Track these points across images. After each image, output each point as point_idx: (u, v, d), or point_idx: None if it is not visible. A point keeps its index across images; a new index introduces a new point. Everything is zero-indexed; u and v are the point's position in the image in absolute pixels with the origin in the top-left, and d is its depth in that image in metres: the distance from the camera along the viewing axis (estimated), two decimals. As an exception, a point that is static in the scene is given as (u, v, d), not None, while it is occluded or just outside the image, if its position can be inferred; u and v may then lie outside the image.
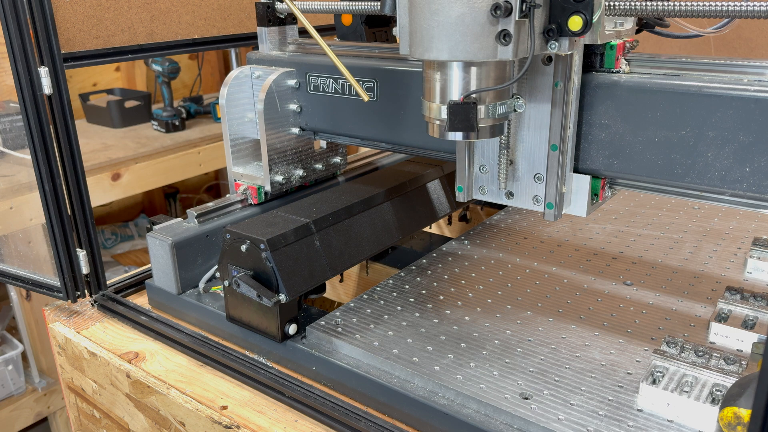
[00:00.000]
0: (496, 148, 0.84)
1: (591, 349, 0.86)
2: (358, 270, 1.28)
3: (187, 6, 1.25)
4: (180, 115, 2.40)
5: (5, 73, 1.03)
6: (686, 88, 0.71)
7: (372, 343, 0.88)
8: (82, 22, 1.09)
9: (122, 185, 2.06)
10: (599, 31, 0.72)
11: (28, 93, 1.01)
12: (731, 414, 0.65)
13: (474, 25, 0.65)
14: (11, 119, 1.75)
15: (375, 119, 1.01)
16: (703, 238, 1.19)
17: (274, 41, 1.14)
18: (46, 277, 1.17)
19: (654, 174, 0.75)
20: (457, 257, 1.14)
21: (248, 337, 0.96)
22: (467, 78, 0.70)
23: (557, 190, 0.80)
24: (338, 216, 1.01)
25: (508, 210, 1.35)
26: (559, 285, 1.04)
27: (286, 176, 1.14)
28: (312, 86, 1.07)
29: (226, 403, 0.88)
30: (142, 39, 1.19)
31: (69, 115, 1.06)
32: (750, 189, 0.70)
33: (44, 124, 1.04)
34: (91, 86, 2.72)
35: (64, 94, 1.04)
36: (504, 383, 0.79)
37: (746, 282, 1.03)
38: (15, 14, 0.97)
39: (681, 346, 0.80)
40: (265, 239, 0.88)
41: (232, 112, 1.11)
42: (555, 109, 0.77)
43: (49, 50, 1.02)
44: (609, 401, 0.76)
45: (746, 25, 1.54)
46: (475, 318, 0.94)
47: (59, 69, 1.03)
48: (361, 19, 1.18)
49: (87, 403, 1.11)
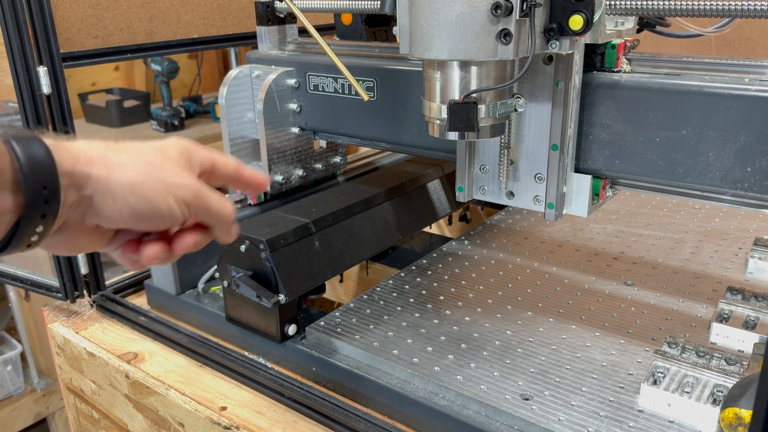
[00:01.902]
0: (496, 148, 0.83)
1: (592, 350, 0.86)
2: (358, 270, 1.28)
3: (187, 5, 1.24)
4: (179, 115, 2.40)
5: (4, 73, 1.03)
6: (687, 87, 0.70)
7: (372, 344, 0.87)
8: (81, 22, 1.09)
9: (122, 185, 2.05)
10: (600, 31, 0.72)
11: (26, 93, 1.01)
12: (732, 415, 0.65)
13: (474, 24, 0.65)
14: (10, 119, 1.74)
15: (375, 119, 1.01)
16: (704, 238, 1.18)
17: (273, 40, 1.13)
18: (45, 278, 1.17)
19: (655, 174, 0.75)
20: (457, 257, 1.14)
21: (248, 337, 0.96)
22: (467, 77, 0.70)
23: (558, 190, 0.80)
24: (338, 216, 1.01)
25: (508, 210, 1.35)
26: (559, 285, 1.04)
27: (285, 176, 1.13)
28: (312, 86, 1.07)
29: (225, 404, 0.88)
30: (141, 38, 1.18)
31: (68, 114, 1.06)
32: (751, 189, 0.69)
33: (43, 124, 1.03)
34: (90, 86, 2.71)
35: (63, 94, 1.04)
36: (504, 384, 0.79)
37: (747, 282, 1.03)
38: (14, 14, 0.97)
39: (682, 347, 0.80)
40: (265, 239, 0.88)
41: (231, 112, 1.11)
42: (556, 109, 0.76)
43: (48, 50, 1.02)
44: (610, 402, 0.75)
45: (747, 24, 1.54)
46: (476, 318, 0.94)
47: (58, 68, 1.03)
48: (361, 19, 1.17)
49: (86, 404, 1.10)
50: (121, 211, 0.47)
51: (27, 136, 0.44)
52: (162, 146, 0.52)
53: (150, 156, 0.50)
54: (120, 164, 0.47)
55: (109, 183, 0.46)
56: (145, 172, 0.48)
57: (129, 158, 0.48)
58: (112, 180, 0.46)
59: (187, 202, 0.50)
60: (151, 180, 0.48)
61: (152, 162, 0.49)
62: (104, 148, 0.48)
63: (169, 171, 0.50)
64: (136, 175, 0.48)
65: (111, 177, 0.46)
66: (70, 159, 0.45)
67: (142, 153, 0.50)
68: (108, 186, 0.46)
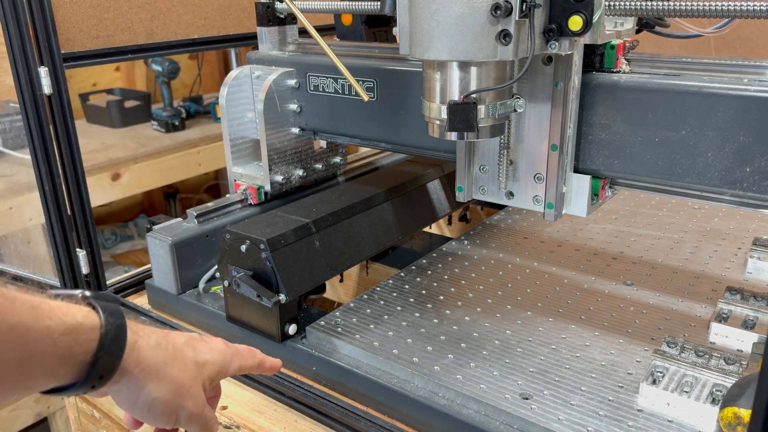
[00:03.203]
0: (496, 148, 0.84)
1: (591, 349, 0.86)
2: (358, 270, 1.28)
3: (187, 6, 1.24)
4: (180, 115, 2.40)
5: (5, 73, 1.03)
6: (686, 87, 0.71)
7: (372, 344, 0.88)
8: (81, 22, 1.09)
9: (122, 185, 2.06)
10: (599, 31, 0.72)
11: (27, 93, 1.01)
12: (731, 414, 0.65)
13: (474, 24, 0.65)
14: (11, 119, 1.75)
15: (375, 119, 1.01)
16: (703, 238, 1.19)
17: (274, 41, 1.14)
18: (46, 277, 1.17)
19: (654, 174, 0.75)
20: (457, 257, 1.14)
21: (248, 337, 0.96)
22: (467, 78, 0.70)
23: (557, 190, 0.80)
24: (338, 216, 1.01)
25: (508, 210, 1.35)
26: (559, 285, 1.04)
27: (285, 176, 1.14)
28: (312, 86, 1.07)
29: (226, 403, 0.88)
30: (142, 39, 1.19)
31: (69, 115, 1.06)
32: (750, 189, 0.70)
33: (44, 124, 1.04)
34: (91, 86, 2.71)
35: (63, 94, 1.04)
36: (504, 383, 0.79)
37: (746, 282, 1.03)
38: (15, 14, 0.97)
39: (681, 347, 0.80)
40: (265, 239, 0.88)
41: (231, 112, 1.11)
42: (555, 109, 0.77)
43: (49, 50, 1.02)
44: (609, 401, 0.76)
45: (746, 25, 1.54)
46: (475, 318, 0.94)
47: (59, 69, 1.03)
48: (361, 19, 1.18)
49: (87, 403, 1.11)
50: (133, 412, 0.55)
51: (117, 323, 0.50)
52: (206, 362, 0.61)
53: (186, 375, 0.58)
54: (158, 378, 0.55)
55: (141, 391, 0.54)
56: (173, 393, 0.56)
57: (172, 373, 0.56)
58: (144, 390, 0.54)
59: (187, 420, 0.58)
60: (172, 402, 0.56)
61: (184, 385, 0.57)
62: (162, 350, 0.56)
63: (192, 395, 0.58)
64: (164, 395, 0.55)
65: (145, 386, 0.54)
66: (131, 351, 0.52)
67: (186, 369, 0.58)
68: (136, 391, 0.54)
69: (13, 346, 0.43)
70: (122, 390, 0.54)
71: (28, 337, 0.43)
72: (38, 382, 0.47)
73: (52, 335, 0.45)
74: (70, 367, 0.47)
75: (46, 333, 0.45)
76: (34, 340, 0.44)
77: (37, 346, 0.44)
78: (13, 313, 0.43)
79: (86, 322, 0.48)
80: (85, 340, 0.48)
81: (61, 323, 0.46)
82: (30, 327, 0.44)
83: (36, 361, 0.44)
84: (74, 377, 0.49)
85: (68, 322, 0.47)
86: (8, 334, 0.42)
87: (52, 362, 0.46)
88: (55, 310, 0.46)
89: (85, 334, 0.48)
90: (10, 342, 0.42)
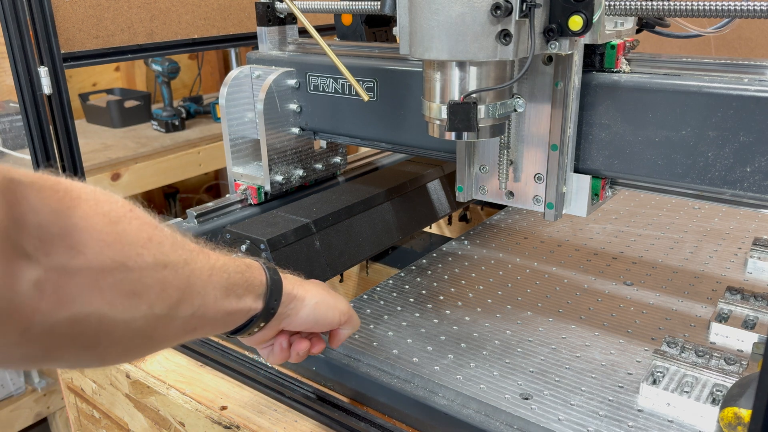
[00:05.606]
0: (496, 148, 0.84)
1: (591, 350, 0.86)
2: (358, 270, 1.28)
3: (187, 6, 1.25)
4: (180, 115, 2.40)
5: (5, 73, 1.03)
6: (687, 87, 0.71)
7: (372, 344, 0.88)
8: (81, 22, 1.09)
9: (122, 185, 2.06)
10: (599, 31, 0.72)
11: (27, 93, 1.01)
12: (731, 414, 0.65)
13: (474, 24, 0.65)
14: (11, 119, 1.75)
15: (375, 119, 1.01)
16: (703, 238, 1.19)
17: (274, 41, 1.14)
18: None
19: (654, 174, 0.75)
20: (457, 257, 1.14)
21: (248, 337, 0.96)
22: (467, 78, 0.70)
23: (557, 190, 0.80)
24: (338, 216, 1.01)
25: (508, 210, 1.35)
26: (559, 285, 1.04)
27: (286, 176, 1.14)
28: (312, 86, 1.07)
29: (226, 404, 0.88)
30: (142, 39, 1.19)
31: (69, 115, 1.06)
32: (750, 189, 0.70)
33: (44, 124, 1.04)
34: (91, 86, 2.71)
35: (63, 94, 1.04)
36: (504, 383, 0.79)
37: (746, 282, 1.03)
38: (15, 14, 0.97)
39: (681, 347, 0.80)
40: (265, 239, 0.88)
41: (231, 112, 1.11)
42: (555, 109, 0.77)
43: (49, 50, 1.02)
44: (609, 401, 0.76)
45: (746, 25, 1.54)
46: (475, 318, 0.94)
47: (59, 69, 1.03)
48: (361, 19, 1.18)
49: (87, 404, 1.11)
50: (308, 318, 0.71)
51: (272, 267, 0.69)
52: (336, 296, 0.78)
53: (322, 288, 0.75)
54: (309, 290, 0.73)
55: (305, 300, 0.71)
56: (324, 295, 0.74)
57: (313, 287, 0.74)
58: (306, 298, 0.71)
59: (342, 315, 0.75)
60: (326, 301, 0.73)
61: (327, 291, 0.75)
62: (300, 280, 0.73)
63: (334, 296, 0.76)
64: (319, 297, 0.73)
65: (306, 297, 0.71)
66: (288, 285, 0.69)
67: (320, 285, 0.76)
68: (303, 302, 0.71)
69: (224, 277, 0.59)
70: (295, 307, 0.70)
71: (229, 271, 0.60)
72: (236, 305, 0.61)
73: (239, 270, 0.62)
74: (255, 296, 0.64)
75: (235, 269, 0.61)
76: (232, 272, 0.60)
77: (232, 277, 0.60)
78: (217, 257, 0.59)
79: (253, 264, 0.66)
80: (258, 274, 0.65)
81: (242, 263, 0.64)
82: (227, 264, 0.60)
83: (232, 289, 0.60)
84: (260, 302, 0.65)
85: (243, 264, 0.64)
86: (219, 270, 0.58)
87: (242, 291, 0.62)
88: (231, 258, 0.63)
89: (256, 270, 0.65)
90: (220, 275, 0.58)
